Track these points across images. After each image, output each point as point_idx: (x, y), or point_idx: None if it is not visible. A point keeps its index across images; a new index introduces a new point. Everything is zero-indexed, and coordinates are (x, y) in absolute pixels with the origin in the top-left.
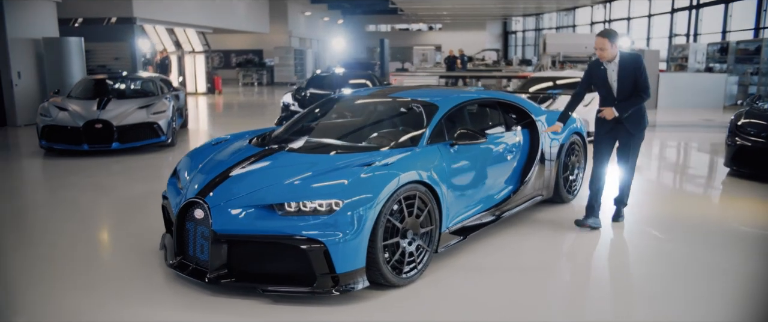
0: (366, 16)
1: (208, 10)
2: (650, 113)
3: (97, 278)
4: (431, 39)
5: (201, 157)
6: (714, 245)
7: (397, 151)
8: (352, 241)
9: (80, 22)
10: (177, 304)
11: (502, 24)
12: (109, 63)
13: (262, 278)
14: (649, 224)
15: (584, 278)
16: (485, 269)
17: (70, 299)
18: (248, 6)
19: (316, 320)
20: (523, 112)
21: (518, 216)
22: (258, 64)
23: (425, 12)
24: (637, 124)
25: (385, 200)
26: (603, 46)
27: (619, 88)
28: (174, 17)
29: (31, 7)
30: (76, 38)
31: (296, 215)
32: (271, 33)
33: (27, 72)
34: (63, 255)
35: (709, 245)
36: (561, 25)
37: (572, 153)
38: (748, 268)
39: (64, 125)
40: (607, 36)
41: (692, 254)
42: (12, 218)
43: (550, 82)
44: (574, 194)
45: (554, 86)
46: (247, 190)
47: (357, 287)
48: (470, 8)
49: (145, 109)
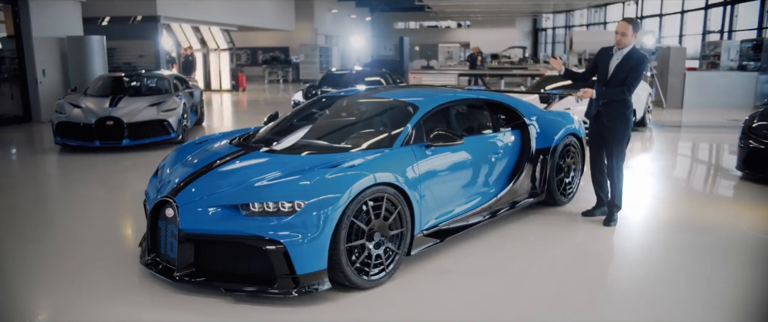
0: (394, 13)
1: (233, 8)
2: (675, 113)
3: (75, 273)
4: (460, 36)
5: (182, 156)
6: (717, 251)
7: (368, 152)
8: (313, 242)
9: (108, 21)
10: (144, 302)
11: (532, 21)
12: (134, 60)
13: (229, 278)
14: (645, 228)
15: (561, 287)
16: (459, 273)
17: (42, 294)
18: (273, 4)
19: (275, 320)
20: (515, 113)
21: (506, 219)
22: (284, 62)
23: (453, 9)
24: (614, 117)
25: (348, 202)
26: (625, 32)
27: (611, 76)
28: (198, 15)
29: (55, 7)
30: (98, 37)
31: (260, 216)
32: (297, 30)
33: (51, 70)
34: (49, 249)
35: (710, 252)
36: (592, 22)
37: (567, 155)
38: (755, 277)
39: (77, 122)
40: (631, 23)
41: (689, 263)
42: (9, 212)
43: (566, 81)
44: (569, 197)
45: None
46: (216, 190)
47: (320, 288)
48: (499, 5)
49: (156, 107)
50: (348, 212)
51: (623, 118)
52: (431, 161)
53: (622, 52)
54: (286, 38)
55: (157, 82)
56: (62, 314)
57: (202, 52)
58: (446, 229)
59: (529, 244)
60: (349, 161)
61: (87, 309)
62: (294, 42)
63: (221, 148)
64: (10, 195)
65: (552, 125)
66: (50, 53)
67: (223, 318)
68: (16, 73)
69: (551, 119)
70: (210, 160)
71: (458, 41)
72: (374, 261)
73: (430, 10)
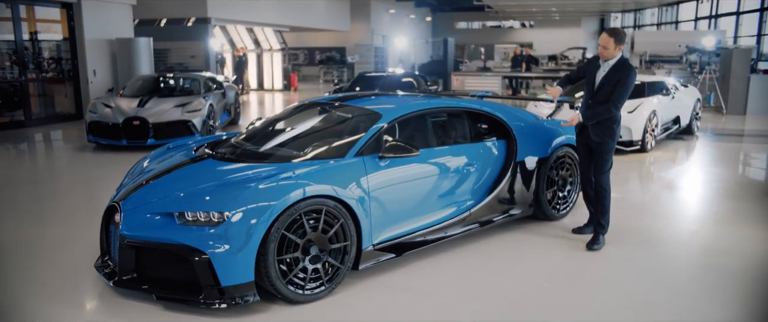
0: (456, 13)
1: (285, 9)
2: (736, 120)
3: (32, 275)
4: (522, 36)
5: (149, 160)
6: (730, 293)
7: (312, 163)
8: (237, 254)
9: (164, 23)
10: (80, 304)
11: (599, 21)
12: (186, 61)
13: (165, 285)
14: (637, 255)
15: (510, 309)
16: (406, 289)
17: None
18: (328, 4)
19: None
20: (499, 122)
21: (484, 233)
22: (339, 62)
23: (514, 9)
24: (600, 132)
25: (277, 214)
26: (606, 45)
27: (597, 91)
28: (249, 16)
29: (107, 10)
30: (145, 38)
31: (192, 225)
32: (353, 31)
33: (102, 70)
34: (29, 248)
35: (722, 294)
36: (663, 22)
37: (562, 167)
38: None
39: (107, 121)
40: (613, 35)
41: (677, 301)
42: (19, 205)
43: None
44: (564, 211)
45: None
46: (159, 196)
47: (250, 300)
48: (563, 4)
49: (181, 108)
50: (277, 224)
51: (610, 132)
52: (385, 173)
53: (608, 63)
54: (343, 38)
55: (189, 83)
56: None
57: (256, 52)
58: (405, 243)
59: (493, 262)
60: (290, 171)
61: (25, 308)
62: (350, 42)
63: (181, 155)
64: (25, 188)
65: (544, 135)
66: (101, 54)
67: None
68: (69, 74)
69: (544, 129)
70: (165, 167)
71: (520, 42)
72: (311, 275)
73: (491, 9)
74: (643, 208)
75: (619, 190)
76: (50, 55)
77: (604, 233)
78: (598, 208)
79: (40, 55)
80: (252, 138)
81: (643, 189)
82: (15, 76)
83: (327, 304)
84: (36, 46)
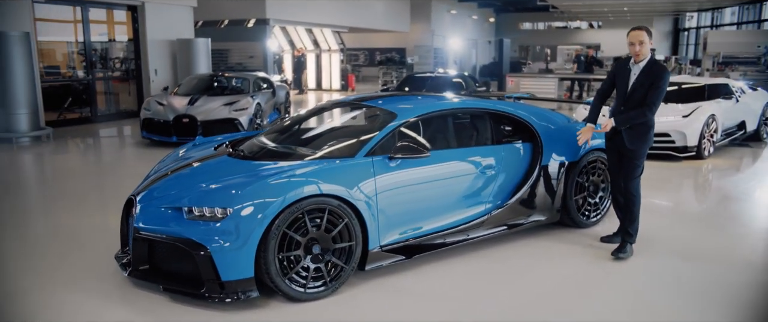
0: (520, 14)
1: (343, 10)
2: None
3: (61, 261)
4: (590, 37)
5: (173, 155)
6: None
7: (320, 161)
8: (237, 250)
9: (226, 24)
10: (96, 291)
11: (674, 20)
12: (245, 61)
13: (173, 277)
14: (668, 258)
15: (516, 318)
16: (413, 293)
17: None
18: (387, 5)
19: (197, 320)
20: (524, 124)
21: (507, 238)
22: (398, 62)
23: (581, 9)
24: (634, 137)
25: (277, 212)
26: (642, 39)
27: (630, 94)
28: (307, 17)
29: (169, 12)
30: (204, 39)
31: (199, 220)
32: (413, 31)
33: (163, 69)
34: (65, 235)
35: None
36: (744, 21)
37: (593, 172)
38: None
39: (158, 119)
40: (644, 28)
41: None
42: (67, 195)
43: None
44: (596, 218)
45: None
46: (171, 191)
47: (251, 295)
48: (633, 3)
49: (229, 107)
50: (277, 221)
51: (644, 137)
52: (396, 174)
53: (639, 65)
54: (403, 39)
55: (241, 83)
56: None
57: (315, 52)
58: (415, 246)
59: (506, 267)
60: (294, 169)
61: (46, 291)
62: (411, 43)
63: (202, 151)
64: (76, 180)
65: (574, 139)
66: (162, 54)
67: (152, 315)
68: (133, 73)
69: (574, 133)
70: (183, 162)
71: (586, 43)
72: (313, 274)
73: (556, 10)
74: (686, 218)
75: (665, 197)
76: (116, 55)
77: (632, 242)
78: (627, 215)
79: (107, 55)
80: (272, 136)
81: (690, 198)
82: (83, 75)
83: (330, 303)
84: (103, 46)
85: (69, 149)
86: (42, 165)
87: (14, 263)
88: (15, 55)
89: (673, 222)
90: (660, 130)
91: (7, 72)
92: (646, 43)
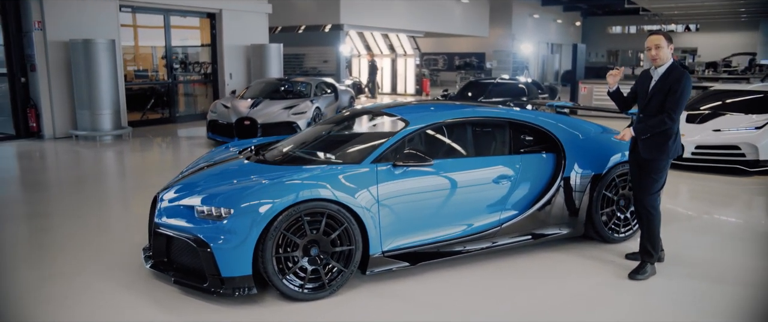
0: (608, 17)
1: (418, 15)
2: None
3: (97, 251)
4: (685, 41)
5: (206, 157)
6: None
7: (323, 167)
8: (236, 248)
9: (303, 30)
10: (119, 281)
11: None
12: (319, 65)
13: (184, 270)
14: (694, 280)
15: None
16: (411, 300)
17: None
18: (465, 9)
19: (205, 319)
20: (546, 134)
21: (527, 250)
22: (476, 67)
23: (673, 11)
24: (650, 147)
25: (276, 213)
26: (659, 44)
27: (648, 101)
28: (381, 22)
29: (245, 19)
30: (276, 45)
31: (206, 218)
32: (492, 36)
33: (237, 73)
34: (107, 228)
35: None
36: None
37: (623, 186)
38: None
39: (222, 121)
40: (662, 33)
41: None
42: (124, 190)
43: (736, 98)
44: (625, 234)
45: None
46: (188, 191)
47: (251, 292)
48: (733, 4)
49: (288, 110)
50: (276, 223)
51: (662, 148)
52: (401, 182)
53: (658, 71)
54: (483, 44)
55: (300, 87)
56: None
57: (390, 57)
58: (420, 253)
59: (513, 281)
60: (296, 174)
61: (76, 278)
62: (490, 48)
63: (226, 154)
64: (138, 177)
65: (602, 150)
66: (237, 58)
67: (160, 306)
68: (210, 76)
69: (604, 143)
70: (205, 164)
71: (682, 47)
72: (310, 275)
73: (646, 12)
74: (730, 237)
75: (732, 214)
76: (194, 59)
77: (652, 262)
78: (645, 233)
79: (186, 60)
80: (292, 142)
81: (744, 216)
82: (165, 79)
83: (327, 304)
84: (183, 51)
85: (143, 147)
86: (115, 161)
87: (71, 243)
88: (101, 61)
89: (717, 241)
90: (729, 143)
91: (94, 76)
92: (664, 47)
